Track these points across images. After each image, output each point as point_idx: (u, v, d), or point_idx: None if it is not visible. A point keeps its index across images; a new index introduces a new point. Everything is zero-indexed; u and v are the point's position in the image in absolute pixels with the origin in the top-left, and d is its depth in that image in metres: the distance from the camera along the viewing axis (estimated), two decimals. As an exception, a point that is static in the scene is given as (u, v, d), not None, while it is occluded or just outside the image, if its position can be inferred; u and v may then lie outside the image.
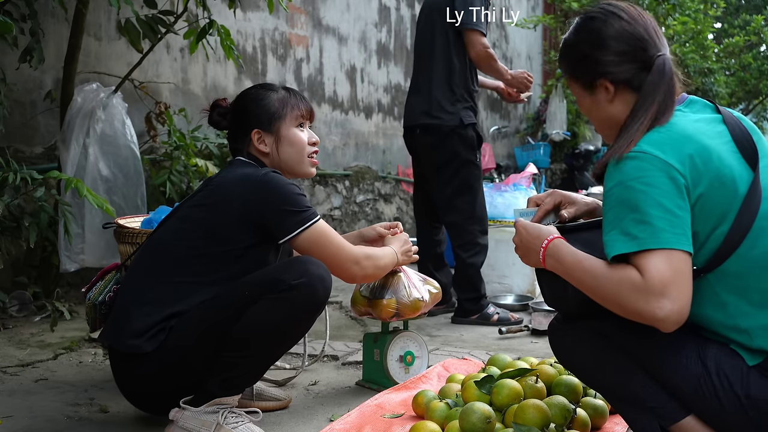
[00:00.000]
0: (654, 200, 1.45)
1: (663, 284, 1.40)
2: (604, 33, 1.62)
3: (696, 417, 1.56)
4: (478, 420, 1.79)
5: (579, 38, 1.68)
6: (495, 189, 4.46)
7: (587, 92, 1.69)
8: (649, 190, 1.46)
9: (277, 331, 1.91)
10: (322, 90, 6.04)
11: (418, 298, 2.35)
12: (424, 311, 2.41)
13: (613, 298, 1.48)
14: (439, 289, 2.49)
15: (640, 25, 1.63)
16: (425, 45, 3.65)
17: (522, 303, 4.02)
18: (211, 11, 3.62)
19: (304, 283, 1.89)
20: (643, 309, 1.42)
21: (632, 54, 1.61)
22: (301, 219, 2.01)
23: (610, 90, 1.64)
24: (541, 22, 9.70)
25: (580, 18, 1.71)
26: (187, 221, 2.03)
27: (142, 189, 3.61)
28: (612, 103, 1.65)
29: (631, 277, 1.43)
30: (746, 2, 15.40)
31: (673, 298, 1.40)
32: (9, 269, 3.41)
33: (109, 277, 2.15)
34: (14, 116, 3.48)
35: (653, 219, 1.44)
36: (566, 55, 1.72)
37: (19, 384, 2.44)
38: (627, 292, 1.44)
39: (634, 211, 1.46)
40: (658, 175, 1.47)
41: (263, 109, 2.15)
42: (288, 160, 2.16)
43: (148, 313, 1.94)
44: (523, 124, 10.28)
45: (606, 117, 1.68)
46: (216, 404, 1.89)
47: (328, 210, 6.09)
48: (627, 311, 1.46)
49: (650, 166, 1.47)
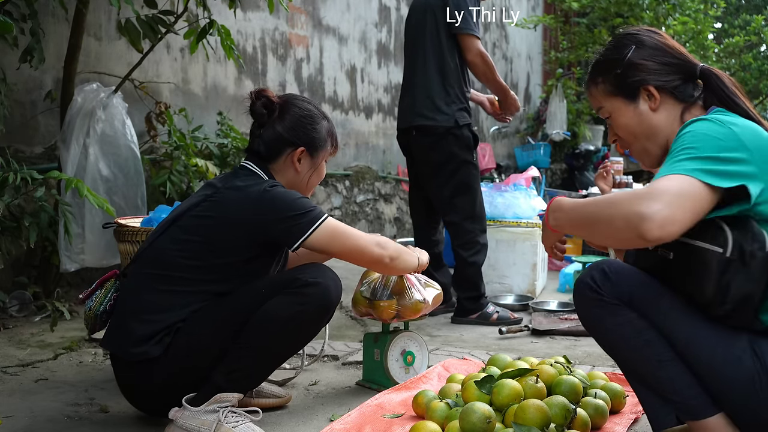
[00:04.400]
0: (704, 142, 1.50)
1: (661, 191, 1.41)
2: (646, 43, 1.71)
3: (725, 415, 1.55)
4: (479, 420, 1.79)
5: (619, 51, 1.73)
6: (495, 189, 4.47)
7: (630, 103, 1.71)
8: (703, 136, 1.51)
9: (288, 324, 1.93)
10: (322, 90, 6.04)
11: (419, 299, 2.35)
12: (425, 313, 2.41)
13: (609, 210, 1.48)
14: (441, 291, 2.49)
15: (675, 43, 1.73)
16: (418, 46, 3.62)
17: (522, 303, 4.02)
18: (211, 11, 3.62)
19: (319, 282, 1.96)
20: (631, 208, 1.41)
21: (674, 66, 1.69)
22: (310, 220, 2.00)
23: (655, 96, 1.68)
24: (541, 22, 9.70)
25: (618, 35, 1.78)
26: (189, 232, 2.02)
27: (142, 189, 3.61)
28: (656, 112, 1.69)
29: (636, 190, 1.48)
30: (746, 2, 15.39)
31: (666, 203, 1.39)
32: (9, 269, 3.41)
33: (108, 285, 2.13)
34: (14, 116, 3.48)
35: (692, 152, 1.48)
36: (606, 69, 1.75)
37: (19, 384, 2.44)
38: (625, 197, 1.45)
39: (681, 150, 1.51)
40: (717, 129, 1.53)
41: (318, 133, 2.18)
42: (308, 187, 2.23)
43: (149, 321, 1.94)
44: (523, 124, 10.28)
45: (648, 128, 1.70)
46: (216, 402, 1.89)
47: (329, 210, 6.09)
48: (616, 217, 1.44)
49: (713, 124, 1.54)
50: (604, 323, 1.64)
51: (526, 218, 4.31)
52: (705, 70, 1.69)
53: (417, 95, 3.58)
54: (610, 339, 1.66)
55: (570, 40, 9.88)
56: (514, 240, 4.29)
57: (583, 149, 9.20)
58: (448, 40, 3.52)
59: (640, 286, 1.61)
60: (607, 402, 2.04)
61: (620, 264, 1.65)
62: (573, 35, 9.83)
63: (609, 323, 1.63)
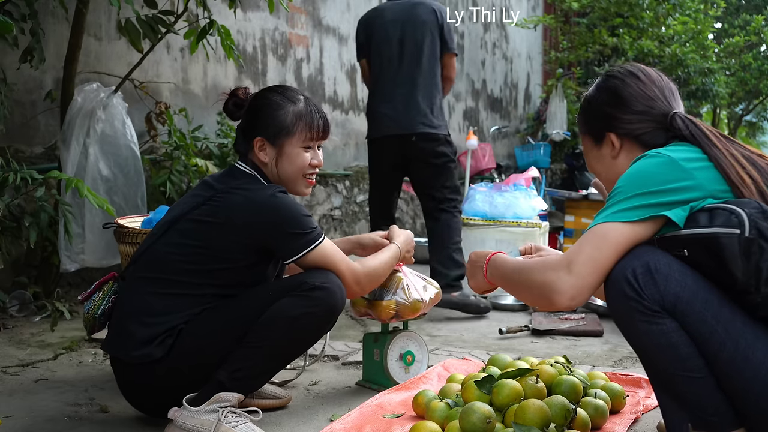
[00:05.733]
0: (630, 181, 1.60)
1: (573, 260, 1.56)
2: (620, 92, 1.74)
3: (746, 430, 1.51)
4: (479, 420, 1.79)
5: (596, 94, 1.81)
6: (495, 189, 4.47)
7: (595, 145, 1.81)
8: (632, 176, 1.61)
9: (296, 326, 1.94)
10: (322, 90, 6.04)
11: (417, 299, 2.36)
12: (424, 312, 2.41)
13: (529, 277, 1.64)
14: (439, 290, 2.50)
15: (657, 87, 1.74)
16: (414, 58, 3.92)
17: (522, 303, 4.02)
18: (211, 11, 3.62)
19: (327, 286, 1.99)
20: (546, 277, 1.59)
21: (644, 114, 1.72)
22: (306, 241, 2.02)
23: (615, 145, 1.75)
24: (541, 22, 9.70)
25: (603, 75, 1.83)
26: (187, 236, 2.02)
27: (142, 189, 3.61)
28: (616, 158, 1.76)
29: (555, 259, 1.63)
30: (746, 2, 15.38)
31: (576, 274, 1.55)
32: (9, 269, 3.41)
33: (106, 288, 2.12)
34: (14, 116, 3.48)
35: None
36: (585, 110, 1.84)
37: (19, 384, 2.44)
38: (543, 266, 1.63)
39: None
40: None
41: (275, 119, 2.10)
42: (283, 177, 2.13)
43: (150, 324, 1.94)
44: (523, 124, 10.28)
45: (607, 170, 1.80)
46: (216, 402, 1.89)
47: (329, 210, 6.09)
48: (534, 286, 1.62)
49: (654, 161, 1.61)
50: (638, 327, 1.54)
51: (526, 218, 4.32)
52: (676, 117, 1.69)
53: (413, 104, 3.91)
54: (642, 342, 1.57)
55: (570, 40, 9.88)
56: (514, 240, 4.28)
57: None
58: (438, 58, 3.98)
59: (686, 291, 1.50)
60: (607, 402, 2.04)
61: (667, 261, 1.52)
62: (573, 35, 9.82)
63: (643, 329, 1.53)
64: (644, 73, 1.75)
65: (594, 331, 3.34)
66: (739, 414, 1.52)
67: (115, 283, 2.13)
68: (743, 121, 15.94)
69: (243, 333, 1.93)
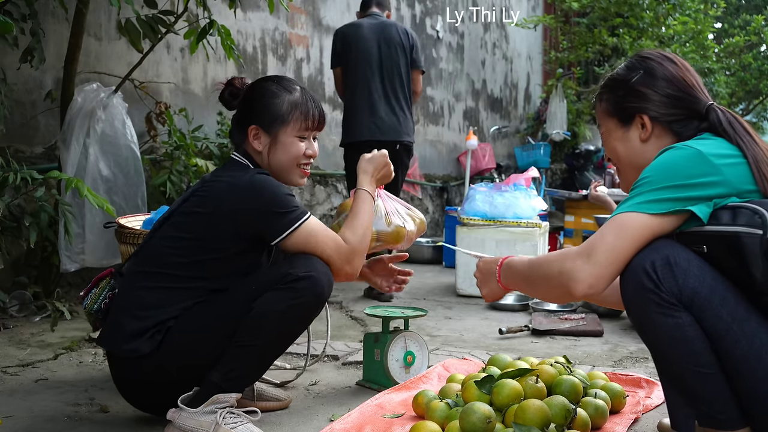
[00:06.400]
0: (658, 172, 1.57)
1: (594, 248, 1.54)
2: (656, 72, 1.69)
3: (750, 430, 1.52)
4: (479, 420, 1.78)
5: (628, 73, 1.73)
6: (495, 189, 4.47)
7: (622, 127, 1.73)
8: (660, 166, 1.58)
9: (284, 320, 1.93)
10: (322, 90, 6.04)
11: (399, 224, 2.29)
12: (411, 239, 2.34)
13: (548, 268, 1.63)
14: (423, 220, 2.44)
15: (692, 75, 1.70)
16: (392, 74, 4.41)
17: (522, 303, 4.02)
18: (211, 11, 3.62)
19: (311, 275, 1.94)
20: (565, 265, 1.58)
21: (679, 99, 1.67)
22: (290, 219, 1.99)
23: (647, 126, 1.69)
24: (541, 22, 9.70)
25: (634, 56, 1.76)
26: (179, 229, 2.02)
27: (142, 189, 3.61)
28: (645, 142, 1.70)
29: (575, 248, 1.60)
30: (746, 2, 15.39)
31: (595, 263, 1.54)
32: (9, 269, 3.41)
33: (103, 284, 2.13)
34: (14, 116, 3.48)
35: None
36: (611, 88, 1.76)
37: (19, 384, 2.44)
38: (562, 256, 1.61)
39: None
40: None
41: (270, 107, 2.10)
42: (277, 166, 2.12)
43: (140, 317, 1.94)
44: (523, 124, 10.28)
45: (632, 155, 1.72)
46: (214, 403, 1.89)
47: (329, 210, 6.09)
48: (553, 275, 1.60)
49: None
50: (652, 319, 1.53)
51: (526, 218, 4.31)
52: (711, 108, 1.66)
53: (396, 114, 4.40)
54: (655, 335, 1.55)
55: (570, 40, 9.88)
56: (514, 240, 4.29)
57: (583, 149, 9.20)
58: (410, 75, 4.49)
59: (704, 286, 1.50)
60: (607, 402, 2.04)
61: (686, 256, 1.51)
62: (573, 35, 9.82)
63: (658, 321, 1.52)
64: (680, 60, 1.72)
65: (594, 331, 3.34)
66: (746, 413, 1.52)
67: (113, 279, 2.13)
68: (743, 121, 15.92)
69: (231, 330, 1.92)
